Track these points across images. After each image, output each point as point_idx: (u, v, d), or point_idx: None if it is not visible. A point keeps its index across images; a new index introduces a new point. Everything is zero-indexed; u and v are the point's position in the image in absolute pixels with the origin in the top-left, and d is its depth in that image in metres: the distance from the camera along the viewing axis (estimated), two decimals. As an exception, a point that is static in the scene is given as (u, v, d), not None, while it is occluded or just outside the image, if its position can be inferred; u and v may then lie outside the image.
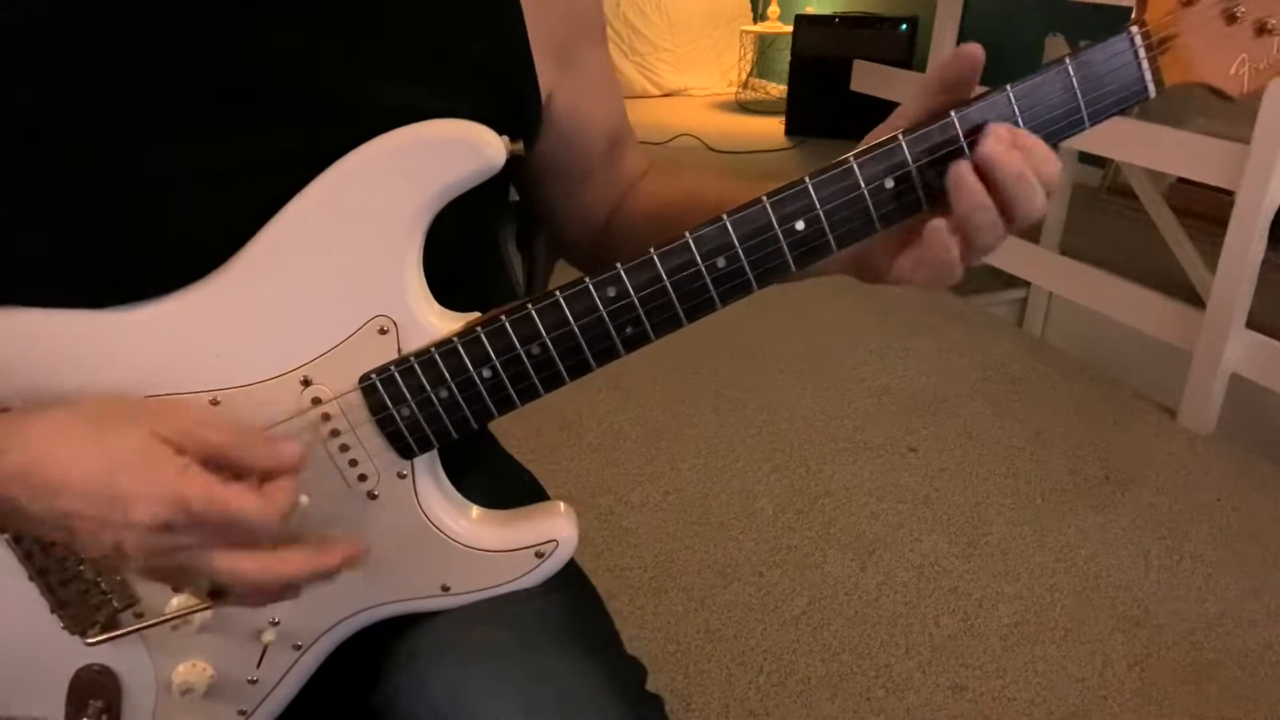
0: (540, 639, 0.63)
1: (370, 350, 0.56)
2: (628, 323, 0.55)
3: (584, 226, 0.75)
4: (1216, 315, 2.04)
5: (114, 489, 0.48)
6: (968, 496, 1.88)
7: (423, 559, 0.61)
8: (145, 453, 0.49)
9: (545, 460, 1.95)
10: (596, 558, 1.67)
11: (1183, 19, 0.52)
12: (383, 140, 0.54)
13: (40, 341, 0.54)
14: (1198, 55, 0.52)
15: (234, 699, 0.63)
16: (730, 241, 0.53)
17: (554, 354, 0.55)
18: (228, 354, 0.55)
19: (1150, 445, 2.07)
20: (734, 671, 1.44)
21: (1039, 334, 2.62)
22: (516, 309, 0.54)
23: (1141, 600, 1.61)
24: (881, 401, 2.23)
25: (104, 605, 0.58)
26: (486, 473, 0.72)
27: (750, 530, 1.76)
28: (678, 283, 0.54)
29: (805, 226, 0.53)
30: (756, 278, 0.54)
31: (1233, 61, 0.53)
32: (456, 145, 0.54)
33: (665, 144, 4.64)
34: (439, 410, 0.56)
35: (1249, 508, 1.85)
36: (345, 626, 0.62)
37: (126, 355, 0.55)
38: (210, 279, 0.55)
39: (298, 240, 0.55)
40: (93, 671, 0.60)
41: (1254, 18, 0.52)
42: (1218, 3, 0.52)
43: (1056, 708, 1.39)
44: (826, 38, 4.68)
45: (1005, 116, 0.52)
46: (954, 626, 1.54)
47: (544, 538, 0.62)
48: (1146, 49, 0.52)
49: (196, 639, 0.60)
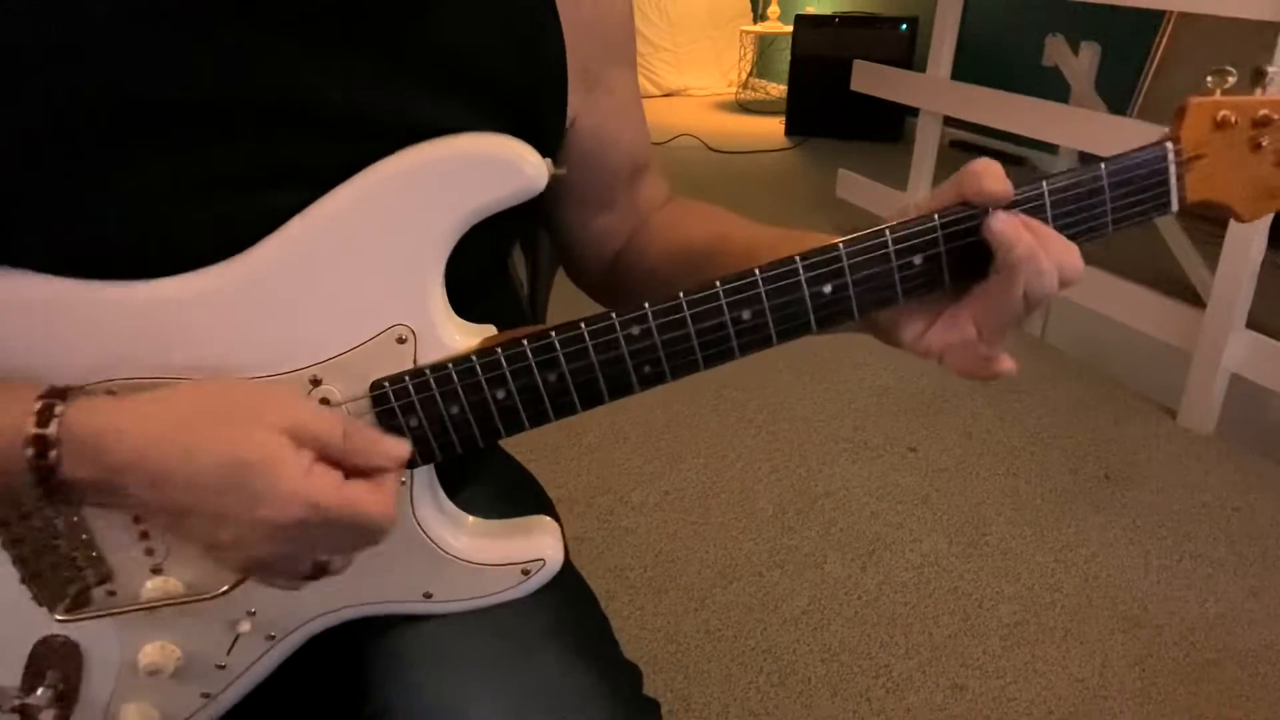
0: (532, 644, 0.62)
1: (386, 358, 0.55)
2: (647, 362, 0.55)
3: (598, 253, 0.73)
4: (1216, 315, 2.04)
5: (243, 486, 0.47)
6: (968, 496, 1.88)
7: (409, 565, 0.61)
8: (271, 449, 0.48)
9: (545, 460, 1.95)
10: (596, 558, 1.67)
11: (1213, 140, 0.55)
12: (425, 149, 0.54)
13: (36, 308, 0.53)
14: (1220, 176, 0.56)
15: (200, 682, 0.62)
16: (759, 296, 0.54)
17: (570, 384, 0.55)
18: (237, 343, 0.54)
19: (1150, 445, 2.07)
20: (734, 671, 1.44)
21: (1039, 334, 2.62)
22: (539, 336, 0.54)
23: (1141, 600, 1.61)
24: (881, 401, 2.23)
25: (76, 579, 0.57)
26: (488, 474, 0.72)
27: (750, 530, 1.76)
28: (702, 330, 0.54)
29: (832, 291, 0.54)
30: (778, 334, 0.55)
31: (1249, 186, 0.56)
32: (499, 164, 0.54)
33: (665, 144, 4.64)
34: (447, 425, 0.56)
35: (1249, 508, 1.85)
36: (322, 621, 0.62)
37: (129, 331, 0.53)
38: (230, 262, 0.54)
39: (326, 238, 0.54)
40: (55, 642, 0.59)
41: (1275, 148, 0.55)
42: (1246, 131, 0.55)
43: (1056, 708, 1.39)
44: (826, 38, 4.68)
45: (1036, 210, 0.54)
46: (954, 626, 1.54)
47: (531, 555, 0.62)
48: (1178, 165, 0.55)
49: (169, 621, 0.60)
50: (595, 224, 0.71)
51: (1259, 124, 0.55)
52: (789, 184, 4.12)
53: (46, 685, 0.59)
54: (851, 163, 3.37)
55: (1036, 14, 3.76)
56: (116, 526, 0.57)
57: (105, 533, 0.57)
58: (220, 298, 0.54)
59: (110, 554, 0.58)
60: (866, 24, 4.69)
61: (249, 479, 0.47)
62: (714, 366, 0.56)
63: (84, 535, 0.57)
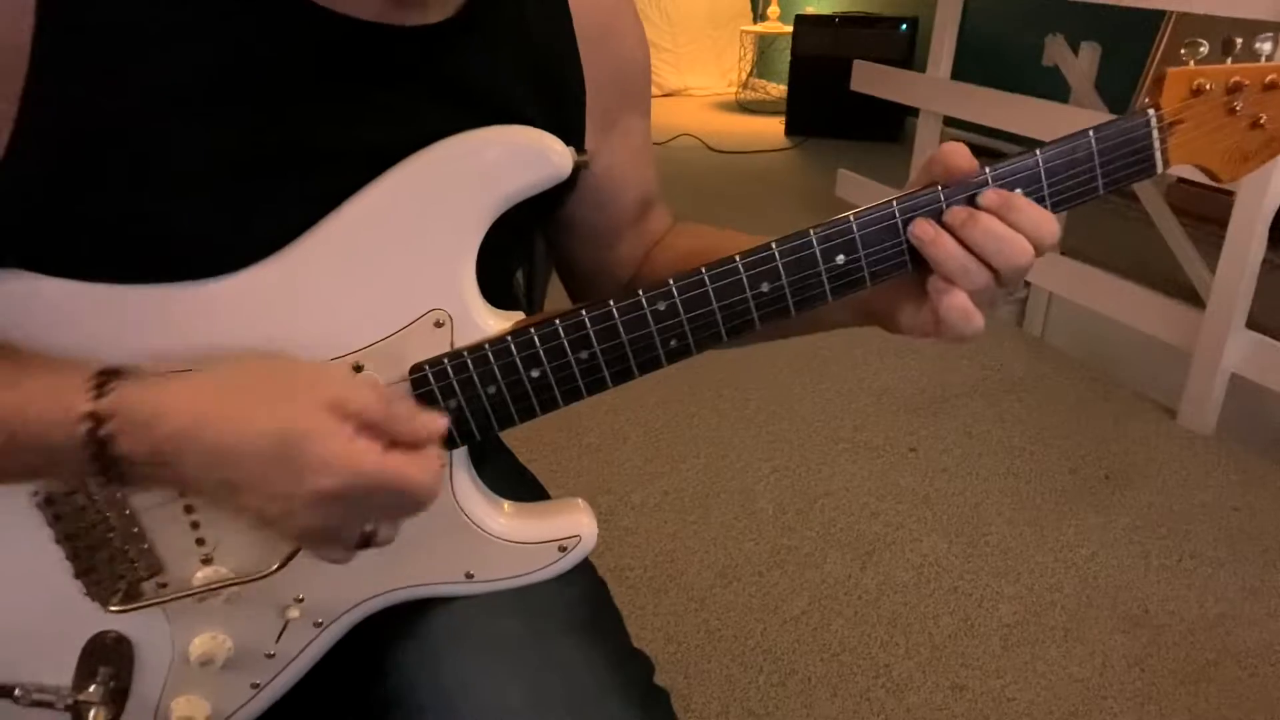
0: (549, 629, 0.64)
1: (424, 342, 0.57)
2: (673, 336, 0.58)
3: (608, 285, 0.76)
4: (1216, 315, 2.05)
5: (290, 458, 0.48)
6: (968, 496, 1.88)
7: (451, 546, 0.62)
8: (317, 421, 0.49)
9: (545, 460, 1.95)
10: (597, 558, 1.65)
11: (1191, 106, 0.58)
12: (455, 140, 0.56)
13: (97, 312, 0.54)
14: (1199, 141, 0.59)
15: (250, 671, 0.63)
16: (776, 269, 0.57)
17: (601, 361, 0.58)
18: (283, 334, 0.56)
19: (1150, 445, 2.07)
20: (734, 671, 1.44)
21: (1039, 334, 2.62)
22: (570, 315, 0.57)
23: (1141, 600, 1.61)
24: (881, 401, 2.23)
25: (128, 573, 0.59)
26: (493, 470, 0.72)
27: (750, 530, 1.76)
28: (725, 304, 0.57)
29: (845, 261, 0.57)
30: (796, 304, 0.58)
31: (1227, 149, 0.60)
32: (528, 151, 0.57)
33: (665, 144, 4.64)
34: (485, 405, 0.58)
35: (1249, 508, 1.85)
36: (367, 606, 0.63)
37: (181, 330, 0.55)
38: (273, 260, 0.56)
39: (365, 227, 0.56)
40: (107, 639, 0.60)
41: (1249, 113, 0.59)
42: (1221, 96, 0.58)
43: (1056, 708, 1.39)
44: (826, 38, 4.68)
45: (1033, 178, 0.57)
46: (954, 626, 1.54)
47: (568, 532, 0.64)
48: (1159, 130, 0.58)
49: (219, 611, 0.61)
50: (605, 256, 0.75)
51: (1232, 90, 0.58)
52: (789, 184, 4.12)
53: (99, 682, 0.60)
54: (851, 163, 3.37)
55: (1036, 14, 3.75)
56: (167, 518, 0.58)
57: (156, 525, 0.58)
58: (263, 294, 0.56)
59: (161, 546, 0.59)
60: (866, 24, 4.69)
61: (295, 450, 0.48)
62: (735, 338, 0.59)
63: (135, 528, 0.58)
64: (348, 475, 0.48)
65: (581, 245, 0.75)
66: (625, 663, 0.66)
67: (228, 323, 0.56)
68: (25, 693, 0.59)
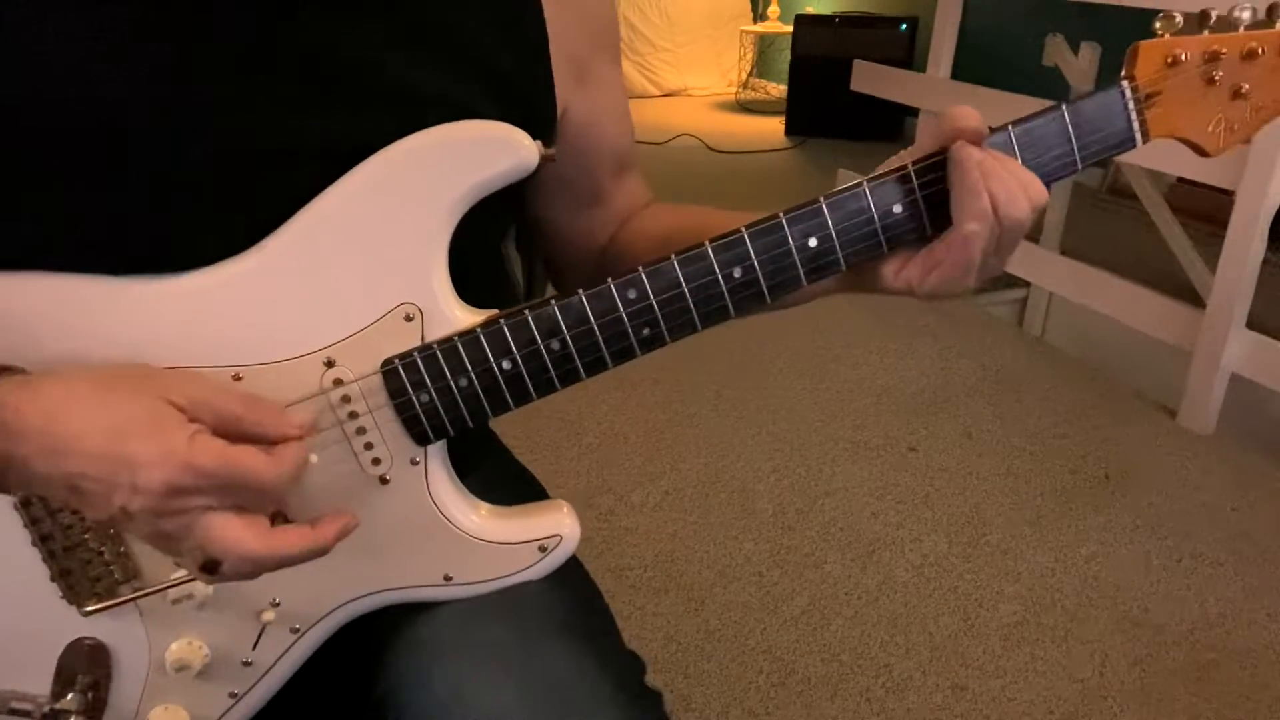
0: (539, 632, 0.63)
1: (395, 336, 0.57)
2: (645, 324, 0.57)
3: (583, 250, 0.76)
4: (1216, 315, 2.04)
5: (123, 452, 0.48)
6: (968, 496, 1.88)
7: (428, 547, 0.62)
8: (155, 416, 0.49)
9: (545, 460, 1.95)
10: (596, 558, 1.67)
11: (1168, 77, 0.57)
12: (425, 134, 0.56)
13: (66, 306, 0.54)
14: (1180, 112, 0.58)
15: (227, 680, 0.63)
16: (747, 252, 0.56)
17: (573, 350, 0.57)
18: (254, 331, 0.56)
19: (1150, 445, 2.07)
20: (734, 671, 1.44)
21: (1039, 334, 2.62)
22: (539, 305, 0.56)
23: (1141, 600, 1.61)
24: (881, 401, 2.23)
25: (105, 576, 0.58)
26: (489, 471, 0.72)
27: (750, 530, 1.76)
28: (695, 289, 0.57)
29: (818, 244, 0.57)
30: (770, 290, 0.58)
31: (1210, 120, 0.58)
32: (495, 144, 0.57)
33: (665, 144, 4.64)
34: (457, 399, 0.58)
35: (1249, 508, 1.85)
36: (344, 611, 0.63)
37: (152, 326, 0.55)
38: (244, 256, 0.56)
39: (334, 223, 0.57)
40: (84, 646, 0.60)
41: (1230, 83, 0.57)
42: (1198, 65, 0.57)
43: (1056, 708, 1.39)
44: (826, 38, 4.68)
45: (1005, 151, 0.56)
46: (954, 626, 1.54)
47: (548, 532, 0.63)
48: (1135, 102, 0.57)
49: (195, 616, 0.60)
50: (582, 219, 0.74)
51: (1210, 59, 0.57)
52: (789, 184, 4.12)
53: (76, 690, 0.60)
54: (851, 163, 3.37)
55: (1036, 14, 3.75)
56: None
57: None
58: (236, 290, 0.56)
59: (136, 547, 0.58)
60: (866, 24, 4.69)
61: (129, 442, 0.48)
62: (711, 325, 0.58)
63: (111, 529, 0.57)
64: (181, 469, 0.48)
65: (556, 206, 0.74)
66: (616, 663, 0.65)
67: (199, 319, 0.56)
68: (2, 700, 0.59)
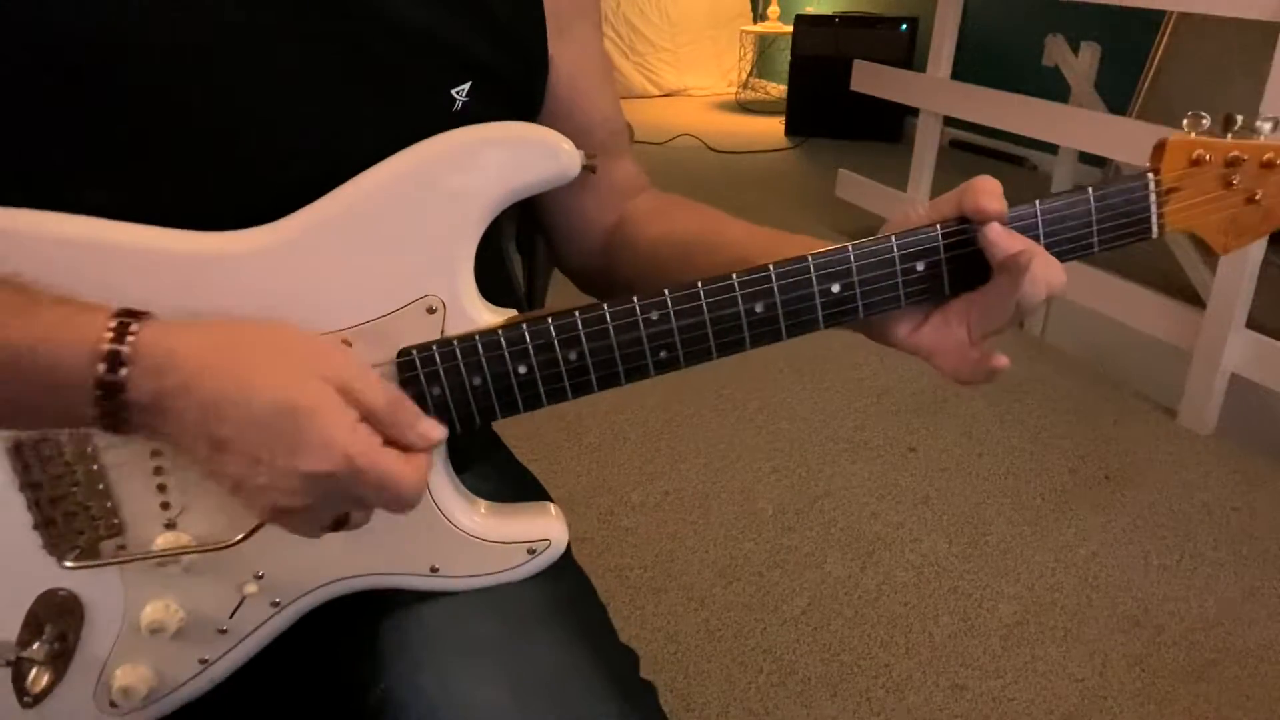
0: (531, 627, 0.63)
1: (415, 326, 0.57)
2: (663, 347, 0.58)
3: (585, 236, 0.75)
4: (1216, 315, 2.05)
5: (289, 430, 0.48)
6: (968, 496, 1.88)
7: (418, 537, 0.62)
8: (323, 399, 0.49)
9: (545, 460, 1.95)
10: (596, 558, 1.67)
11: (1190, 176, 0.60)
12: (470, 130, 0.57)
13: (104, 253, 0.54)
14: (1197, 209, 0.61)
15: (199, 646, 0.62)
16: (771, 290, 0.57)
17: (589, 363, 0.58)
18: (280, 303, 0.56)
19: (1150, 445, 2.07)
20: (734, 671, 1.44)
21: (1039, 334, 2.62)
22: (562, 314, 0.57)
23: (1141, 600, 1.61)
24: (881, 401, 2.23)
25: (88, 530, 0.57)
26: (489, 469, 0.72)
27: (750, 530, 1.76)
28: (717, 319, 0.57)
29: (840, 290, 0.58)
30: (787, 329, 0.58)
31: (1223, 221, 0.61)
32: (538, 149, 0.58)
33: (665, 144, 4.64)
34: (469, 396, 0.58)
35: (1249, 508, 1.86)
36: (327, 591, 0.62)
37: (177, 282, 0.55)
38: (276, 225, 0.56)
39: (371, 206, 0.57)
40: (58, 596, 0.59)
41: (1246, 188, 0.60)
42: (1219, 168, 0.60)
43: (1056, 708, 1.39)
44: (826, 38, 4.68)
45: (1029, 228, 0.58)
46: (954, 626, 1.54)
47: (538, 535, 0.63)
48: (1157, 195, 0.60)
49: (176, 579, 0.60)
50: (581, 200, 0.73)
51: (1230, 164, 0.60)
52: (789, 184, 4.12)
53: (44, 640, 0.58)
54: (851, 163, 3.37)
55: (1036, 14, 3.76)
56: (134, 478, 0.57)
57: (122, 483, 0.57)
58: (267, 256, 0.56)
59: (125, 506, 0.58)
60: (866, 24, 4.69)
61: (296, 424, 0.48)
62: (725, 355, 0.59)
63: (100, 484, 0.57)
64: (342, 461, 0.48)
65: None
66: (609, 656, 0.65)
67: (228, 281, 0.56)
68: None
